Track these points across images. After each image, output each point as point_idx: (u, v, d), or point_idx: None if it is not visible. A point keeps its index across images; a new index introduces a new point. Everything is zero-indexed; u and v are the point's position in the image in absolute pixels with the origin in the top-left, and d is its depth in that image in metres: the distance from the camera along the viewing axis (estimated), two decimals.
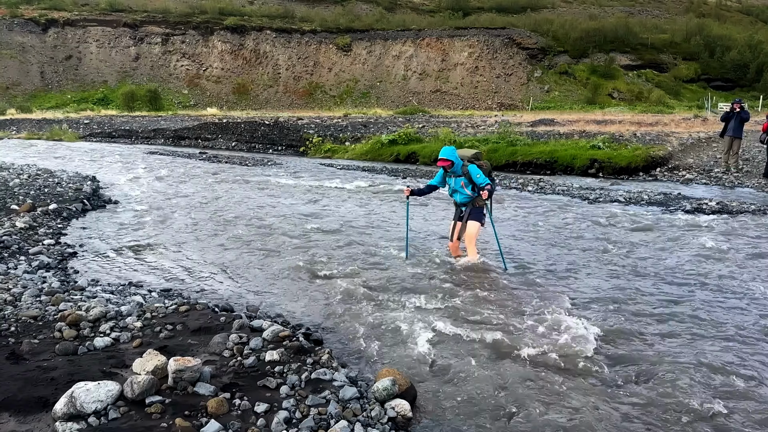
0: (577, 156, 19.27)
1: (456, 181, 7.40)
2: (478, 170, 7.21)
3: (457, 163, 7.26)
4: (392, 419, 3.64)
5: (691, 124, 30.30)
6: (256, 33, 79.04)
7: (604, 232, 9.67)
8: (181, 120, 43.81)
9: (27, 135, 38.50)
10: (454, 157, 7.25)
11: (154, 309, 5.25)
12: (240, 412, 3.48)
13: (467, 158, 7.42)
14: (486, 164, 7.54)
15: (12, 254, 7.30)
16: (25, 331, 4.59)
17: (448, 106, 66.94)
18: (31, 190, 12.25)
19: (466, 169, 7.27)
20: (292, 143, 29.79)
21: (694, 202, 12.07)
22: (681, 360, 4.70)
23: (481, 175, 7.18)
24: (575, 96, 65.85)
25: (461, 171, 7.31)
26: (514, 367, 4.59)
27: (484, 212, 7.48)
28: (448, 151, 7.27)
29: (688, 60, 74.03)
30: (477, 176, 7.17)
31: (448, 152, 7.26)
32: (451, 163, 7.22)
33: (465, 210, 7.51)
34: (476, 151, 7.73)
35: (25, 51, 72.59)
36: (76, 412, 3.27)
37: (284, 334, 4.66)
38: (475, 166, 7.25)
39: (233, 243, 8.93)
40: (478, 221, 7.43)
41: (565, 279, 7.00)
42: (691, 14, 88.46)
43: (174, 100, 70.80)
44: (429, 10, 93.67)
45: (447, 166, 7.27)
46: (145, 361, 3.79)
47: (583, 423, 3.80)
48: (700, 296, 6.35)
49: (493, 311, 5.79)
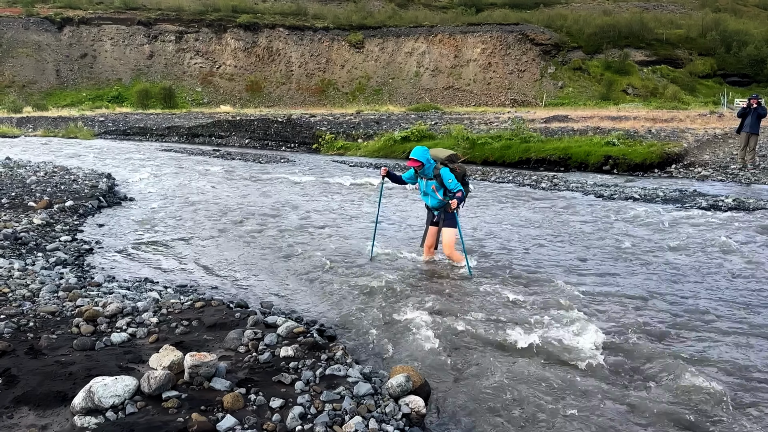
0: (592, 152, 19.17)
1: (427, 184, 6.94)
2: (450, 175, 6.74)
3: (429, 165, 6.81)
4: (406, 415, 3.64)
5: (706, 120, 29.99)
6: (269, 30, 79.24)
7: (619, 229, 9.61)
8: (194, 117, 44.04)
9: (43, 132, 38.90)
10: (425, 158, 6.76)
11: (169, 305, 5.29)
12: (255, 407, 3.50)
13: (441, 160, 6.93)
14: (461, 167, 7.05)
15: (29, 250, 7.39)
16: (44, 327, 4.64)
17: (461, 103, 66.75)
18: (48, 187, 12.38)
19: (437, 172, 6.79)
20: (305, 140, 29.88)
21: (710, 199, 11.96)
22: (697, 359, 4.67)
23: (453, 180, 6.72)
24: (589, 92, 65.42)
25: (432, 174, 6.84)
26: (528, 365, 4.58)
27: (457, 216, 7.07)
28: (419, 152, 6.77)
29: (703, 55, 73.26)
30: (448, 181, 6.72)
31: (418, 153, 6.76)
32: (421, 164, 6.76)
33: (438, 215, 7.10)
34: (451, 153, 7.17)
35: (41, 49, 73.28)
36: (94, 406, 3.30)
37: (298, 330, 4.68)
38: (447, 169, 6.79)
39: (246, 240, 8.98)
40: (454, 227, 7.03)
41: (577, 276, 6.97)
42: (707, 9, 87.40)
43: (188, 98, 71.21)
44: (442, 6, 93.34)
45: (417, 167, 6.82)
46: (161, 357, 3.83)
47: (598, 423, 3.79)
48: (717, 294, 6.29)
49: (504, 309, 5.78)
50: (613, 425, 3.76)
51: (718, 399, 3.98)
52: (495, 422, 3.81)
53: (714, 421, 3.77)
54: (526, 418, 3.84)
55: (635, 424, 3.77)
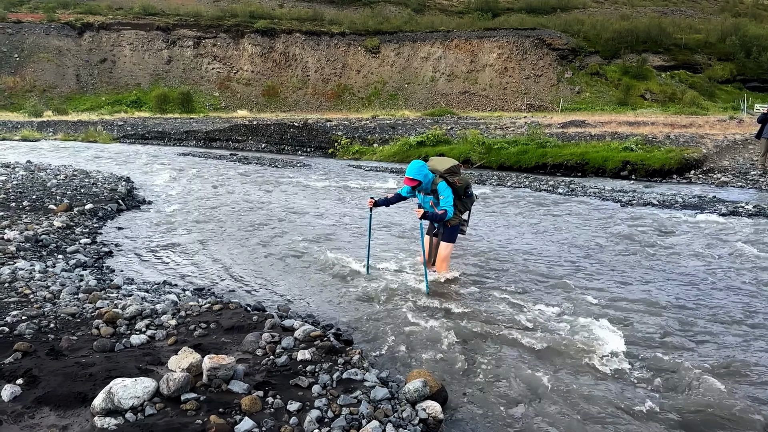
0: (609, 158, 19.02)
1: (425, 199, 6.59)
2: (446, 190, 6.35)
3: (426, 179, 6.40)
4: (423, 420, 3.64)
5: (726, 125, 29.64)
6: (285, 36, 79.74)
7: (637, 235, 9.52)
8: (212, 122, 44.39)
9: (63, 136, 39.38)
10: (422, 175, 6.34)
11: (188, 307, 5.33)
12: (273, 411, 3.51)
13: (440, 172, 6.54)
14: (462, 180, 6.66)
15: (50, 253, 7.49)
16: (64, 328, 4.70)
17: (477, 108, 66.64)
18: (68, 190, 12.53)
19: (435, 187, 6.42)
20: (321, 145, 29.97)
21: (729, 206, 11.82)
22: (719, 368, 4.60)
23: (447, 197, 6.33)
24: (606, 97, 64.94)
25: (430, 188, 6.47)
26: (546, 372, 4.54)
27: (459, 230, 6.79)
28: (414, 169, 6.34)
29: (723, 60, 72.46)
30: (442, 198, 6.34)
31: (414, 170, 6.33)
32: (419, 182, 6.37)
33: (437, 227, 6.86)
34: (454, 164, 6.70)
35: (62, 54, 74.31)
36: (114, 407, 3.34)
37: (315, 333, 4.69)
38: (444, 184, 6.39)
39: (263, 243, 9.02)
40: (451, 242, 6.78)
41: (596, 282, 6.91)
42: (726, 14, 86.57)
43: (205, 103, 71.78)
44: (458, 11, 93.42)
45: (414, 186, 6.47)
46: (180, 359, 3.85)
47: (619, 431, 3.75)
48: (737, 301, 6.21)
49: (521, 315, 5.74)
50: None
51: (740, 409, 3.92)
52: (515, 429, 3.78)
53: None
54: (546, 425, 3.81)
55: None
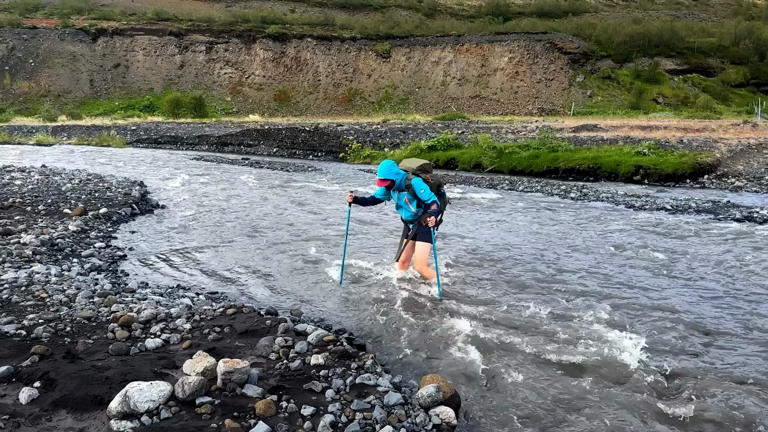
0: (622, 162, 18.94)
1: (399, 196, 6.67)
2: (422, 184, 6.45)
3: (399, 178, 6.52)
4: (437, 426, 3.63)
5: (740, 129, 29.38)
6: (297, 41, 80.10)
7: (650, 241, 9.46)
8: (224, 126, 44.64)
9: (77, 141, 39.75)
10: (393, 174, 6.47)
11: (202, 311, 5.36)
12: (287, 415, 3.52)
13: (412, 170, 6.67)
14: (434, 178, 6.78)
15: (65, 256, 7.56)
16: (80, 331, 4.74)
17: (488, 112, 66.51)
18: (82, 194, 12.65)
19: (409, 183, 6.50)
20: (332, 149, 30.06)
21: (744, 211, 11.72)
22: (735, 376, 4.57)
23: (425, 190, 6.44)
24: (619, 101, 64.66)
25: (404, 185, 6.56)
26: (559, 377, 4.53)
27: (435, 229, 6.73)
28: (385, 169, 6.47)
29: (736, 64, 71.92)
30: (421, 191, 6.43)
31: (385, 170, 6.46)
32: (392, 182, 6.50)
33: (412, 228, 6.83)
34: (424, 162, 6.89)
35: (76, 60, 75.09)
36: (130, 410, 3.36)
37: (328, 338, 4.71)
38: (419, 179, 6.50)
39: (275, 248, 9.06)
40: (428, 242, 6.70)
41: (609, 288, 6.87)
42: (739, 17, 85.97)
43: (217, 107, 72.20)
44: (469, 15, 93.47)
45: (387, 186, 6.57)
46: (195, 363, 3.88)
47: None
48: (753, 308, 6.15)
49: (534, 320, 5.73)
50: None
51: (759, 420, 3.89)
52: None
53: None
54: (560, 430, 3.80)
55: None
